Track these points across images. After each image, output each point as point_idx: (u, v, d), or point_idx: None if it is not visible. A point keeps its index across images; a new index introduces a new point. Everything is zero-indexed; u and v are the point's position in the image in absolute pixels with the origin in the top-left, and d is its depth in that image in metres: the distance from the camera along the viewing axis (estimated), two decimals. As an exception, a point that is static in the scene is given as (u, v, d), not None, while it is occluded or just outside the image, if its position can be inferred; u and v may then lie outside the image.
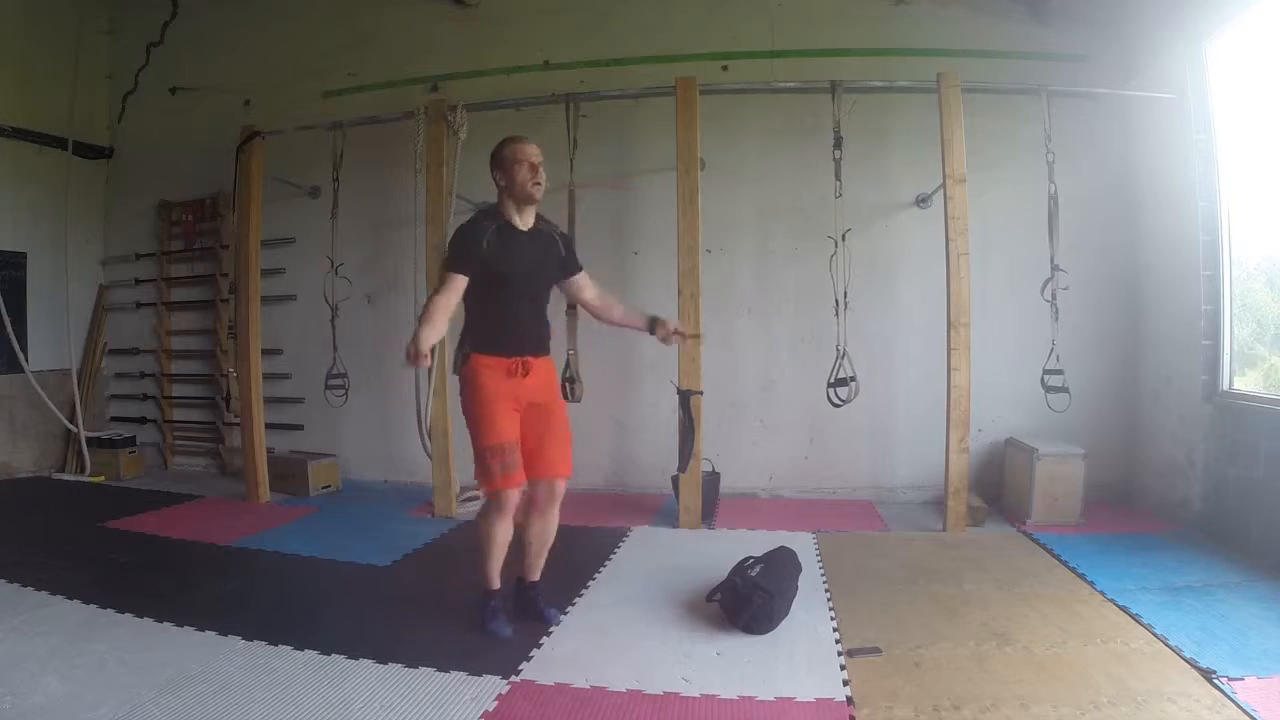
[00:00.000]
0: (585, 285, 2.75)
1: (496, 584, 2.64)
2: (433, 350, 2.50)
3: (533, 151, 2.52)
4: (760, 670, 2.36)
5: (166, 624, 2.68)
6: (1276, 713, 2.05)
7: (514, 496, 2.53)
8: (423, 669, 2.35)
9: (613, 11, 4.92)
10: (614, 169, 4.82)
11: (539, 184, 2.52)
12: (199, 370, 5.64)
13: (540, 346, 2.62)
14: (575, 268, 2.73)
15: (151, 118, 5.69)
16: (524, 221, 2.57)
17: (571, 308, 4.19)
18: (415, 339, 2.32)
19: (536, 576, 2.76)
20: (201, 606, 2.85)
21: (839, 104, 3.91)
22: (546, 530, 2.71)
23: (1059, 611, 2.78)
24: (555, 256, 2.66)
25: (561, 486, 2.70)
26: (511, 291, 2.51)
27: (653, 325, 2.72)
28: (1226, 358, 3.75)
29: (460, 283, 2.45)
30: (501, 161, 2.53)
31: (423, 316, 2.42)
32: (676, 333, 2.73)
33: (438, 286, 2.50)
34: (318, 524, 4.18)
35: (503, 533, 2.58)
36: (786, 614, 2.72)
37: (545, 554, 2.74)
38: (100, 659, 2.40)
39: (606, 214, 4.81)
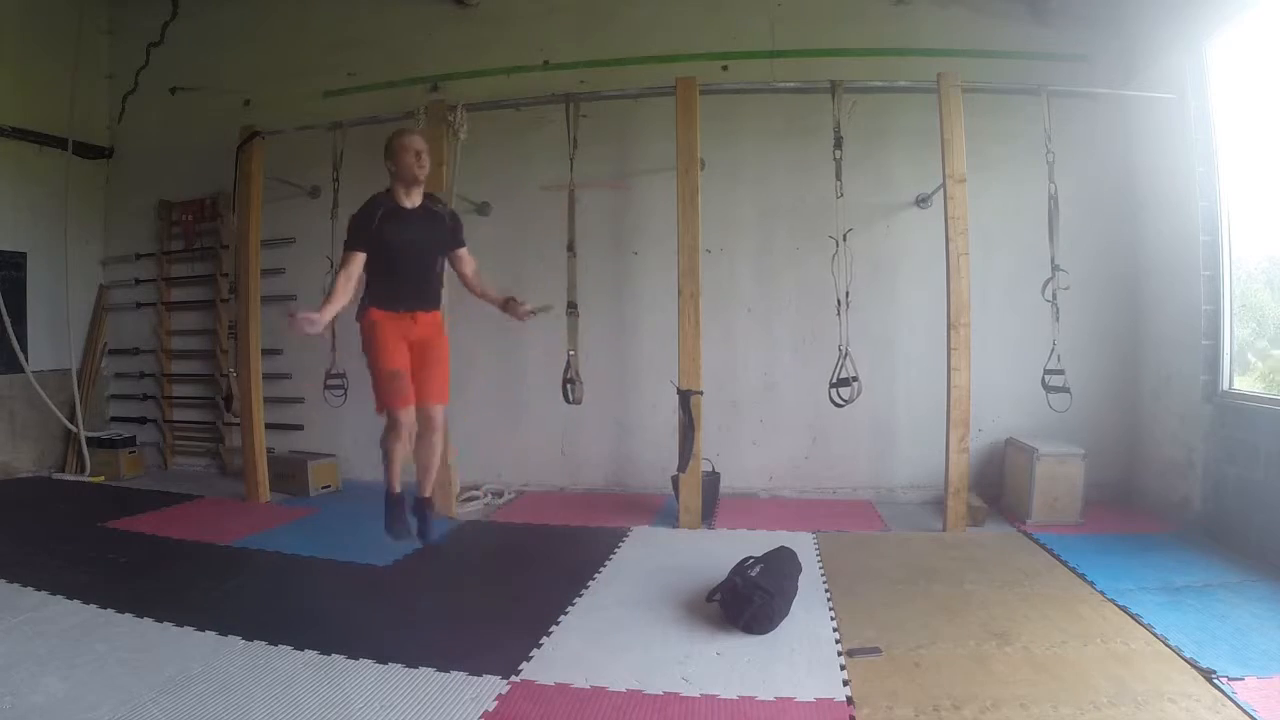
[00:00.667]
0: (465, 260, 3.10)
1: (397, 489, 3.00)
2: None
3: (417, 141, 2.93)
4: (760, 670, 2.36)
5: (166, 624, 2.68)
6: (1276, 713, 2.05)
7: (406, 415, 2.88)
8: (423, 669, 2.35)
9: (613, 11, 4.92)
10: (614, 169, 4.82)
11: (422, 167, 2.92)
12: (199, 370, 5.64)
13: (426, 303, 3.00)
14: (459, 243, 3.09)
15: (151, 118, 5.69)
16: (411, 201, 2.94)
17: (572, 306, 4.20)
18: (321, 310, 2.68)
19: (427, 493, 3.10)
20: (201, 606, 2.85)
21: (839, 104, 3.91)
22: (431, 452, 3.04)
23: (1059, 611, 2.78)
24: (442, 230, 3.03)
25: (439, 412, 3.02)
26: (400, 260, 2.89)
27: (505, 304, 3.08)
28: (1226, 358, 3.75)
29: (358, 258, 2.83)
30: (391, 151, 2.92)
31: (328, 294, 2.80)
32: (529, 311, 3.08)
33: (341, 263, 2.89)
34: (318, 524, 4.18)
35: (400, 448, 2.93)
36: (786, 614, 2.72)
37: (433, 473, 3.08)
38: (100, 659, 2.40)
39: (606, 214, 4.81)
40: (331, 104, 5.10)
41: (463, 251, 3.11)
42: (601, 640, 2.60)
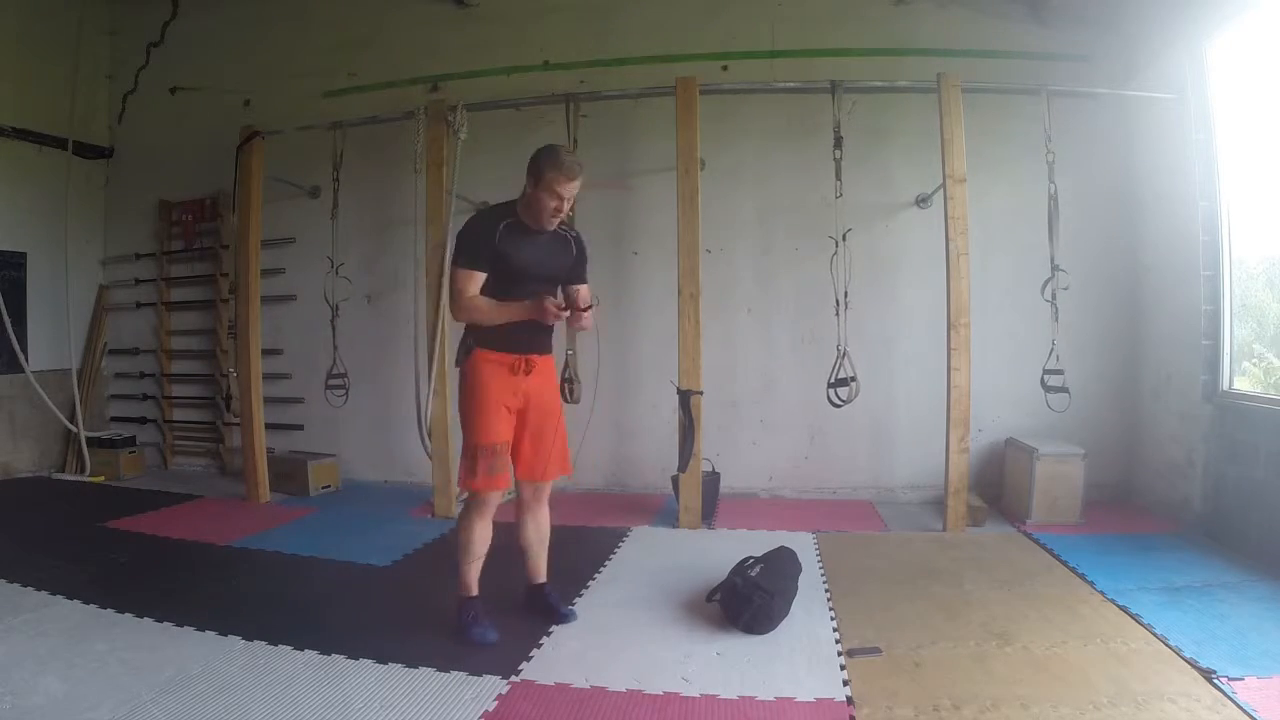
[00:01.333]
0: (584, 297, 2.57)
1: (475, 590, 2.58)
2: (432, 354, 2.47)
3: (572, 188, 2.46)
4: (760, 670, 2.36)
5: (166, 624, 2.68)
6: (1276, 713, 2.05)
7: (496, 498, 2.50)
8: (423, 669, 2.35)
9: (613, 11, 4.92)
10: (614, 169, 4.82)
11: (557, 215, 2.49)
12: (199, 370, 5.64)
13: (544, 345, 2.59)
14: (581, 277, 2.66)
15: (151, 118, 5.69)
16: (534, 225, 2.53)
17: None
18: (540, 310, 2.35)
19: (544, 578, 2.75)
20: (201, 606, 2.85)
21: (839, 104, 3.91)
22: (541, 528, 2.69)
23: (1059, 611, 2.78)
24: (567, 257, 2.61)
25: (547, 486, 2.68)
26: (518, 287, 2.46)
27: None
28: (1226, 358, 3.75)
29: (476, 278, 2.42)
30: (540, 173, 2.46)
31: (489, 315, 2.40)
32: (585, 311, 2.55)
33: (457, 287, 2.43)
34: (318, 524, 4.18)
35: (483, 534, 2.55)
36: (786, 614, 2.72)
37: (545, 553, 2.73)
38: (100, 659, 2.40)
39: (606, 214, 4.80)
40: (331, 104, 5.10)
41: (584, 288, 2.60)
42: (601, 640, 2.59)
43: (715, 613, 2.75)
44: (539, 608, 2.74)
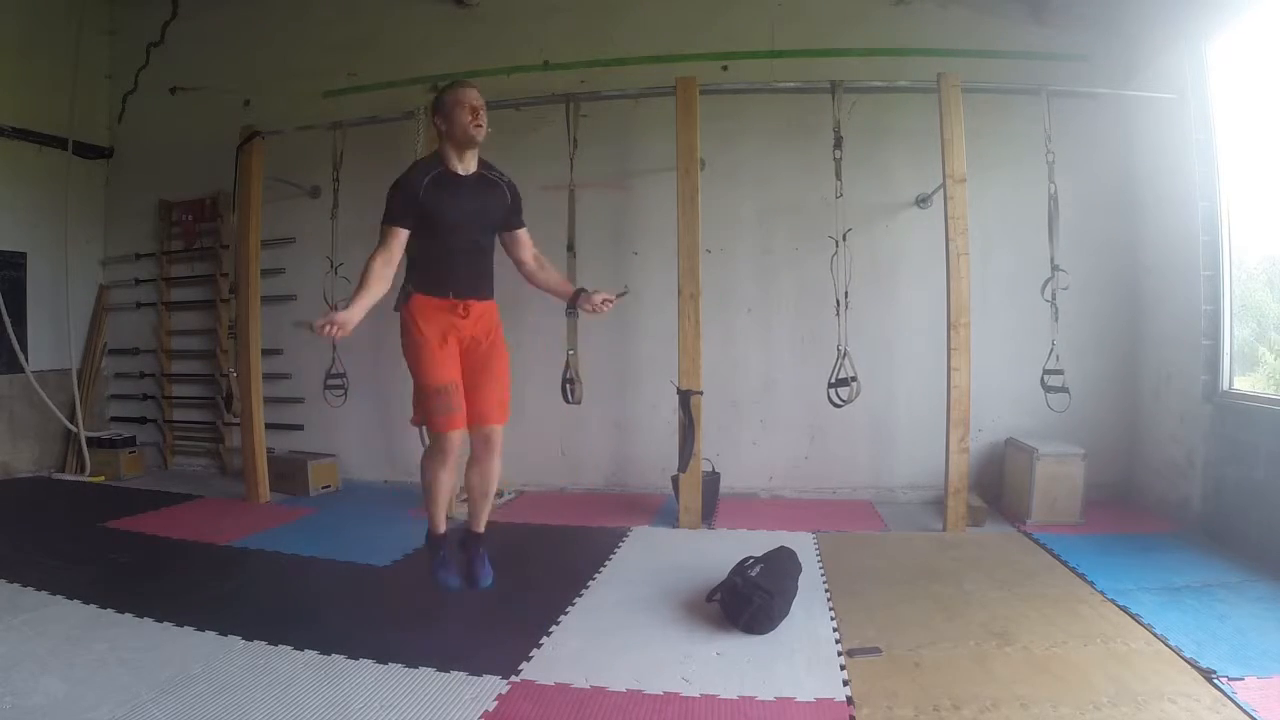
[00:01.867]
0: (525, 243, 2.67)
1: (443, 528, 2.66)
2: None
3: (473, 95, 2.49)
4: (760, 670, 2.36)
5: (166, 624, 2.68)
6: (1276, 713, 2.05)
7: (456, 439, 2.50)
8: (423, 669, 2.35)
9: (613, 11, 4.92)
10: (614, 169, 4.82)
11: (480, 125, 2.48)
12: (199, 370, 5.64)
13: (481, 290, 2.60)
14: (518, 223, 2.67)
15: (151, 118, 5.69)
16: (465, 166, 2.53)
17: (572, 307, 4.19)
18: (350, 308, 2.30)
19: (480, 528, 2.72)
20: (201, 606, 2.85)
21: (839, 104, 3.91)
22: (486, 479, 2.66)
23: (1059, 611, 2.78)
24: (500, 203, 2.61)
25: (498, 434, 2.65)
26: (452, 236, 2.49)
27: (576, 297, 2.68)
28: (1226, 357, 3.75)
29: (399, 235, 2.44)
30: (442, 105, 2.50)
31: (359, 281, 2.37)
32: (605, 300, 2.66)
33: (379, 242, 2.46)
34: (318, 524, 4.18)
35: (446, 477, 2.57)
36: (786, 614, 2.72)
37: (488, 504, 2.71)
38: (100, 659, 2.40)
39: (606, 214, 4.81)
40: (331, 104, 5.10)
41: (521, 232, 2.65)
42: (601, 640, 2.60)
43: (715, 613, 2.75)
44: (465, 558, 2.71)
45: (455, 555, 2.70)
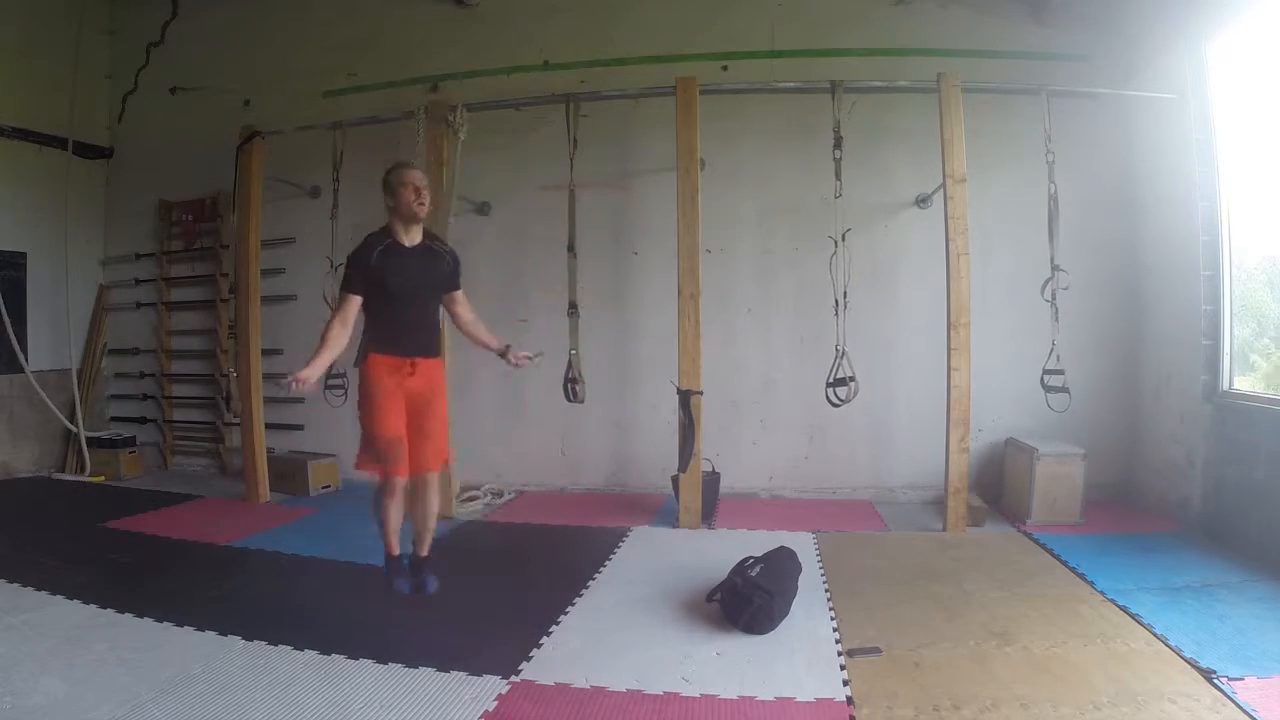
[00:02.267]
0: (461, 302, 3.04)
1: (396, 550, 2.96)
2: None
3: (416, 176, 2.83)
4: (760, 670, 2.36)
5: (166, 624, 2.68)
6: (1276, 713, 2.05)
7: (399, 483, 2.83)
8: (423, 669, 2.35)
9: (613, 11, 4.92)
10: (614, 169, 4.82)
11: (422, 204, 2.81)
12: (199, 370, 5.64)
13: (428, 349, 2.93)
14: (455, 286, 3.01)
15: (151, 118, 5.69)
16: (410, 239, 2.84)
17: (572, 306, 4.21)
18: (310, 366, 2.63)
19: (425, 552, 3.01)
20: (201, 606, 2.85)
21: (839, 104, 3.91)
22: (428, 513, 2.96)
23: (1059, 611, 2.78)
24: (442, 271, 2.94)
25: (435, 478, 2.97)
26: (400, 302, 2.81)
27: (504, 353, 3.04)
28: (1226, 357, 3.75)
29: (353, 302, 2.77)
30: (389, 186, 2.82)
31: (320, 343, 2.72)
32: (525, 358, 3.04)
33: (335, 307, 2.83)
34: (318, 524, 4.18)
35: (395, 511, 2.89)
36: (786, 614, 2.72)
37: (429, 535, 3.00)
38: (100, 659, 2.40)
39: (606, 214, 4.81)
40: (331, 104, 5.10)
41: (459, 294, 3.03)
42: (601, 640, 2.60)
43: (715, 613, 2.75)
44: (415, 573, 2.98)
45: (408, 571, 2.99)
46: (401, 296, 2.81)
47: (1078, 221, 4.16)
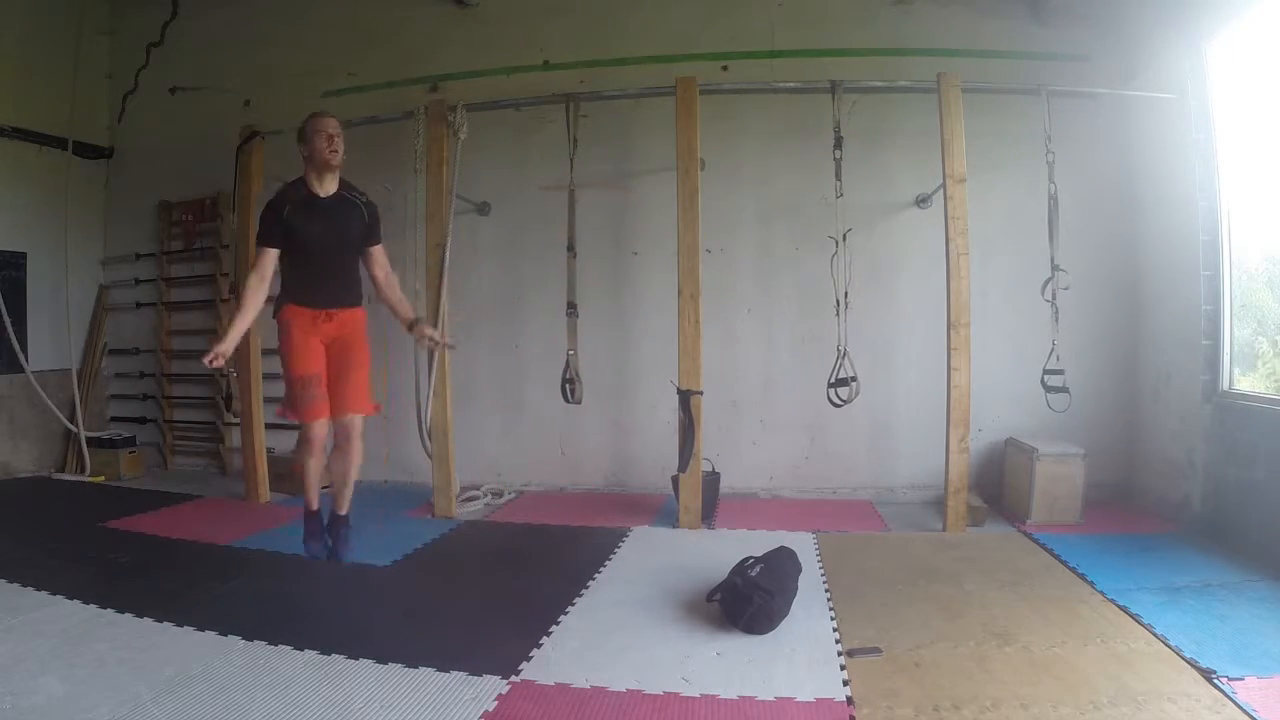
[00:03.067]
0: (378, 259, 2.95)
1: (315, 505, 2.97)
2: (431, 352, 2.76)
3: (331, 124, 2.79)
4: (760, 670, 2.36)
5: (166, 624, 2.68)
6: (1276, 713, 2.05)
7: (319, 428, 2.81)
8: (423, 669, 2.35)
9: (613, 11, 4.92)
10: (614, 169, 4.82)
11: (335, 151, 2.77)
12: (199, 370, 5.59)
13: (344, 300, 2.89)
14: (375, 239, 2.93)
15: (151, 118, 5.69)
16: (325, 189, 2.79)
17: (572, 306, 4.21)
18: (225, 338, 2.58)
19: (344, 510, 3.00)
20: (201, 606, 2.84)
21: (839, 104, 3.91)
22: (347, 465, 2.93)
23: (1059, 611, 2.78)
24: (358, 222, 2.87)
25: (358, 422, 2.91)
26: (314, 253, 2.76)
27: (412, 325, 2.95)
28: (1226, 357, 3.75)
29: (269, 255, 2.74)
30: (303, 134, 2.78)
31: (238, 303, 2.67)
32: (431, 339, 3.00)
33: (252, 262, 2.78)
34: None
35: (314, 462, 2.91)
36: (786, 614, 2.71)
37: (349, 489, 2.98)
38: (100, 659, 2.40)
39: (606, 214, 4.81)
40: (331, 104, 5.07)
41: (377, 249, 2.95)
42: (601, 640, 2.59)
43: (715, 613, 2.75)
44: (332, 533, 3.02)
45: (326, 531, 3.02)
46: (317, 248, 2.75)
47: (1078, 221, 4.16)
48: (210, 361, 2.50)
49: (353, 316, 2.91)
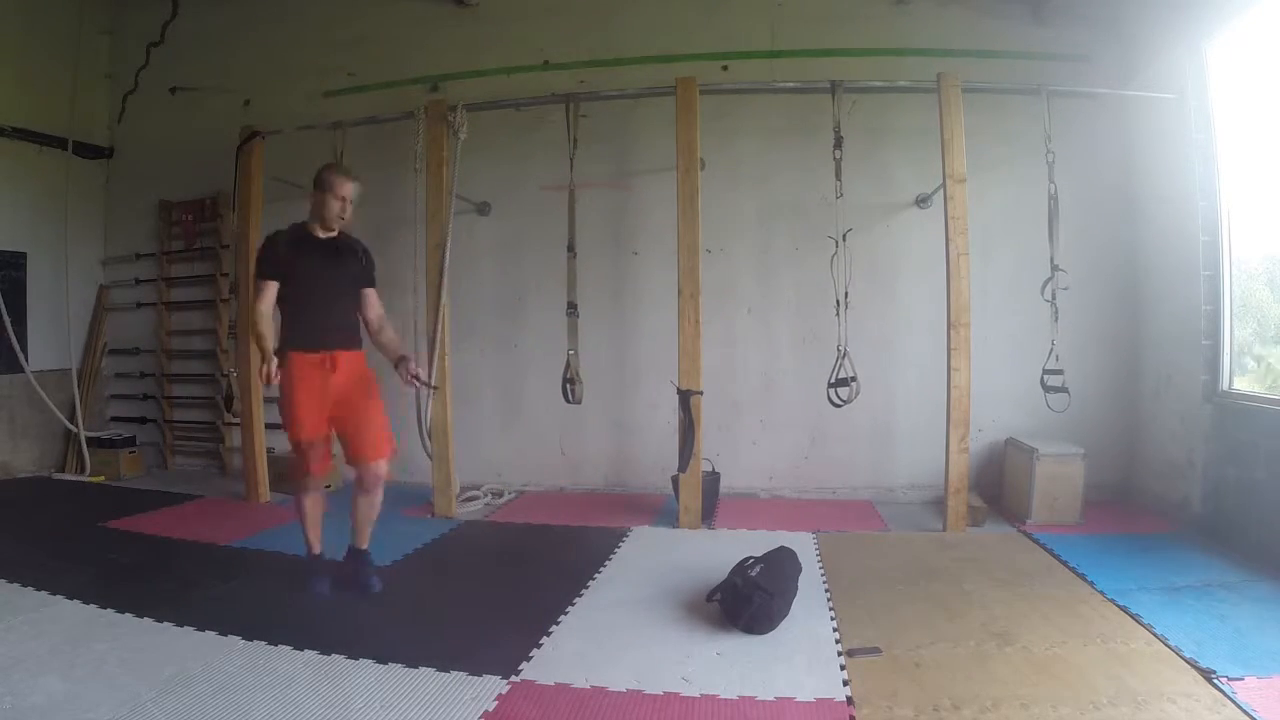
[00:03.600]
0: (372, 301, 3.03)
1: (318, 548, 3.03)
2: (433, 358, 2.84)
3: (347, 188, 2.87)
4: (760, 670, 2.36)
5: (166, 624, 2.68)
6: (1276, 713, 2.05)
7: (318, 480, 2.95)
8: (423, 669, 2.35)
9: (613, 11, 4.92)
10: (614, 169, 4.82)
11: (343, 219, 2.89)
12: (199, 370, 5.64)
13: (346, 343, 2.94)
14: (369, 282, 3.04)
15: (151, 118, 5.69)
16: (325, 233, 2.91)
17: (572, 306, 4.21)
18: (267, 361, 2.68)
19: (363, 545, 3.06)
20: (201, 606, 2.85)
21: (839, 104, 3.91)
22: (371, 506, 3.02)
23: (1059, 611, 2.78)
24: (354, 263, 2.98)
25: (383, 467, 2.99)
26: (313, 292, 2.83)
27: (399, 362, 2.98)
28: (1226, 357, 3.75)
29: (270, 287, 2.81)
30: (320, 185, 2.86)
31: (255, 340, 2.77)
32: (415, 378, 3.02)
33: (253, 297, 2.86)
34: (318, 524, 4.17)
35: (314, 507, 2.99)
36: (786, 614, 2.71)
37: (370, 527, 3.06)
38: (100, 659, 2.40)
39: (606, 214, 4.81)
40: (331, 104, 5.11)
41: (371, 292, 3.03)
42: (601, 640, 2.59)
43: (715, 613, 2.75)
44: (354, 569, 3.04)
45: (344, 567, 3.05)
46: (316, 282, 2.83)
47: (1078, 221, 4.16)
48: (267, 380, 2.66)
49: (357, 360, 2.97)
